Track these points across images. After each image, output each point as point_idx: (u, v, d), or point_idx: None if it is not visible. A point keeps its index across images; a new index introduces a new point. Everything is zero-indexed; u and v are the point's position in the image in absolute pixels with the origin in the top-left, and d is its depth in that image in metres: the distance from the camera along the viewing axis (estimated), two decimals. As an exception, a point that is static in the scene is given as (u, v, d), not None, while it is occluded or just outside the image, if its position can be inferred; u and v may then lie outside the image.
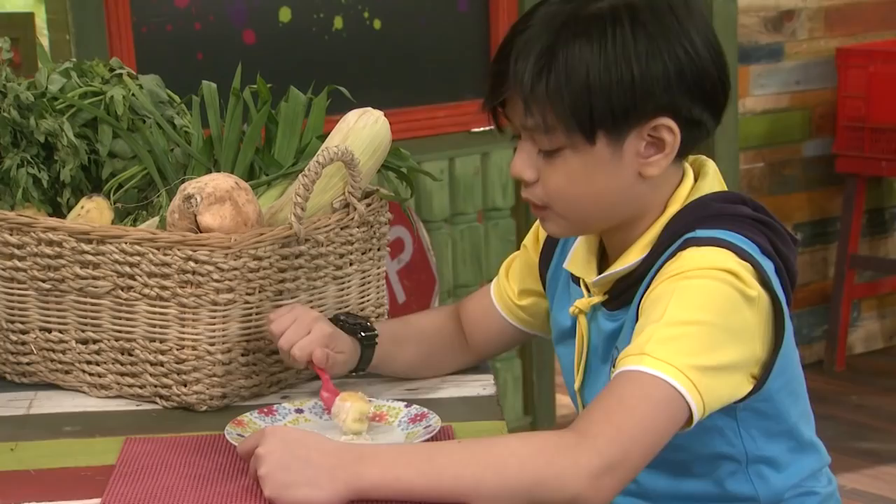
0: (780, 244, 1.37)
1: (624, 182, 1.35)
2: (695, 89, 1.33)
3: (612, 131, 1.32)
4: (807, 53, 3.95)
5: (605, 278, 1.40)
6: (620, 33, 1.30)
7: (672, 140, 1.34)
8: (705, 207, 1.36)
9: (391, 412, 1.47)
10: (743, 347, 1.30)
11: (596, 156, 1.33)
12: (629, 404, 1.24)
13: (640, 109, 1.32)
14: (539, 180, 1.36)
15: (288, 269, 1.56)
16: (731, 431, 1.37)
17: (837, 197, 4.05)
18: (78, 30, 2.84)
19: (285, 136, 1.68)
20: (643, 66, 1.30)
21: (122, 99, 1.70)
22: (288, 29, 3.07)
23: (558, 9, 1.33)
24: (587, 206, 1.37)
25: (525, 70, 1.32)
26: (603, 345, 1.42)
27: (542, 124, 1.33)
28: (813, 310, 4.08)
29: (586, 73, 1.30)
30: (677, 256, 1.32)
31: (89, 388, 1.60)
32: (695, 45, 1.33)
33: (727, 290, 1.29)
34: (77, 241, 1.55)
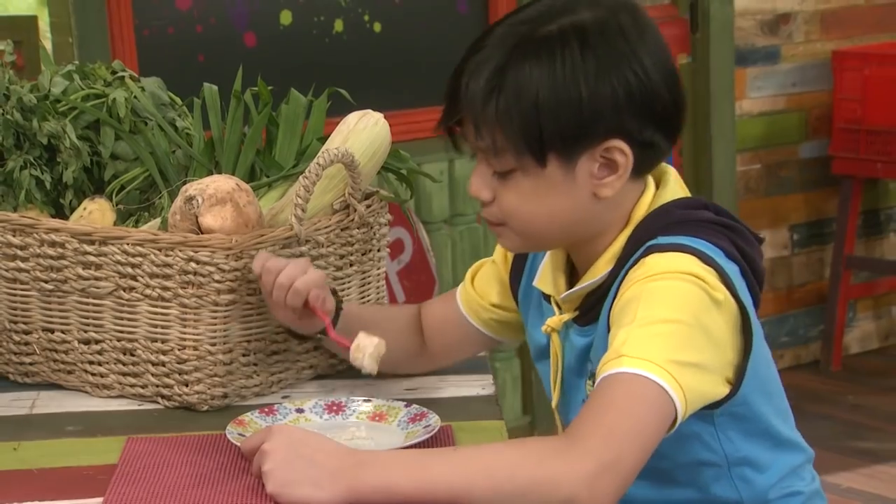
0: (744, 246, 1.36)
1: (578, 203, 1.34)
2: (645, 111, 1.32)
3: (563, 153, 1.31)
4: (803, 56, 3.95)
5: (574, 294, 1.40)
6: (570, 55, 1.30)
7: (624, 162, 1.33)
8: (667, 215, 1.36)
9: (391, 412, 1.47)
10: (716, 350, 1.29)
11: (548, 178, 1.32)
12: (617, 404, 1.23)
13: (590, 132, 1.31)
14: (495, 199, 1.36)
15: (289, 270, 1.55)
16: (710, 437, 1.36)
17: (833, 198, 4.05)
18: (80, 33, 2.84)
19: (286, 138, 1.68)
20: (592, 89, 1.30)
21: (124, 101, 1.70)
22: (289, 32, 3.07)
23: (511, 30, 1.32)
24: (542, 226, 1.36)
25: (476, 91, 1.31)
26: (577, 361, 1.41)
27: (492, 146, 1.33)
28: (809, 310, 4.08)
29: (535, 94, 1.29)
30: (640, 263, 1.31)
31: (91, 388, 1.60)
32: (645, 67, 1.32)
33: (696, 290, 1.28)
34: (79, 242, 1.55)
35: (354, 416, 1.48)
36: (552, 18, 1.32)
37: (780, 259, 4.04)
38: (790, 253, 4.06)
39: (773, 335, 4.03)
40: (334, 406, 1.49)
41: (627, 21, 1.32)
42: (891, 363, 4.11)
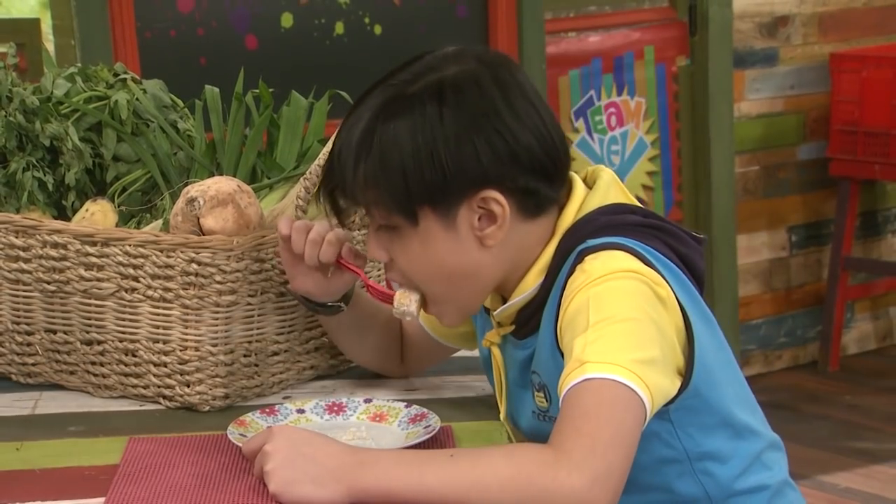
0: (678, 246, 1.35)
1: (469, 254, 1.33)
2: (511, 163, 1.31)
3: (436, 209, 1.31)
4: (801, 58, 3.95)
5: (507, 310, 1.39)
6: (429, 114, 1.29)
7: (502, 211, 1.31)
8: (592, 222, 1.35)
9: (391, 412, 1.47)
10: (666, 343, 1.28)
11: (427, 233, 1.32)
12: (592, 413, 1.21)
13: (457, 187, 1.30)
14: (392, 260, 1.36)
15: (289, 271, 1.55)
16: (668, 434, 1.35)
17: (831, 200, 4.05)
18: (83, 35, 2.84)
19: (287, 140, 1.68)
20: (450, 146, 1.29)
21: (126, 103, 1.70)
22: (289, 34, 3.07)
23: (382, 90, 1.32)
24: (443, 284, 1.35)
25: (346, 156, 1.32)
26: (519, 373, 1.41)
27: (366, 206, 1.34)
28: (807, 311, 4.08)
29: (399, 155, 1.29)
30: (578, 270, 1.30)
31: (94, 389, 1.60)
32: (507, 122, 1.30)
33: (640, 287, 1.28)
34: (81, 243, 1.55)
35: (355, 417, 1.47)
36: (419, 77, 1.32)
37: (778, 260, 4.04)
38: (788, 254, 4.06)
39: (771, 336, 4.03)
40: (335, 406, 1.49)
41: (488, 76, 1.31)
42: (888, 364, 4.11)
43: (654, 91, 3.77)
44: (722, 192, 3.83)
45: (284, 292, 1.56)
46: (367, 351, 1.59)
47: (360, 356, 1.61)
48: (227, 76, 1.79)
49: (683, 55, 3.79)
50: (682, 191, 3.85)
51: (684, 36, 3.78)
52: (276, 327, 1.57)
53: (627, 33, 3.71)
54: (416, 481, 1.22)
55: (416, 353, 1.61)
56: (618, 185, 1.39)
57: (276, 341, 1.58)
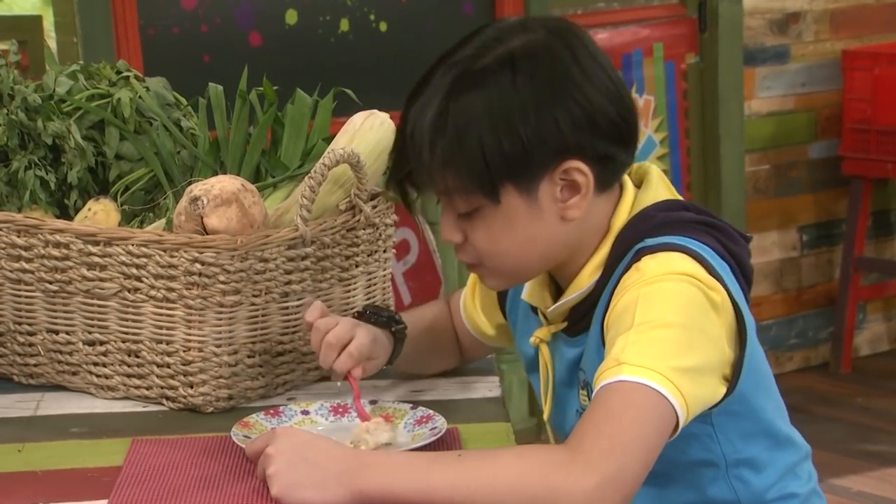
0: (730, 244, 1.36)
1: (548, 229, 1.33)
2: (590, 129, 1.31)
3: (519, 184, 1.31)
4: (812, 55, 3.95)
5: (561, 307, 1.39)
6: (504, 87, 1.29)
7: (585, 181, 1.32)
8: (650, 218, 1.35)
9: (397, 414, 1.47)
10: (714, 348, 1.29)
11: (510, 210, 1.32)
12: (617, 415, 1.22)
13: (539, 160, 1.30)
14: (467, 240, 1.36)
15: (294, 271, 1.56)
16: (708, 437, 1.36)
17: (843, 199, 4.04)
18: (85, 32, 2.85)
19: (291, 139, 1.68)
20: (530, 117, 1.28)
21: (128, 101, 1.70)
22: (294, 31, 3.07)
23: (447, 70, 1.31)
24: (517, 260, 1.35)
25: (420, 139, 1.31)
26: (567, 372, 1.41)
27: (445, 190, 1.32)
28: (819, 312, 4.08)
29: (477, 132, 1.29)
30: (634, 268, 1.31)
31: (96, 390, 1.60)
32: (581, 86, 1.30)
33: (692, 291, 1.28)
34: (84, 242, 1.55)
35: (359, 419, 1.47)
36: (485, 51, 1.31)
37: (790, 260, 4.04)
38: (799, 254, 4.06)
39: (782, 337, 4.02)
40: (340, 408, 1.49)
41: (558, 43, 1.31)
42: (901, 365, 4.11)
43: (663, 89, 3.76)
44: (732, 192, 3.83)
45: (289, 292, 1.56)
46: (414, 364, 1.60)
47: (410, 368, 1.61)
48: (231, 74, 1.79)
49: (693, 52, 3.79)
50: (692, 190, 3.84)
51: (694, 33, 3.78)
52: (280, 328, 1.57)
53: (636, 30, 3.71)
54: (422, 482, 1.22)
55: (467, 349, 1.63)
56: (665, 182, 1.40)
57: (280, 342, 1.58)
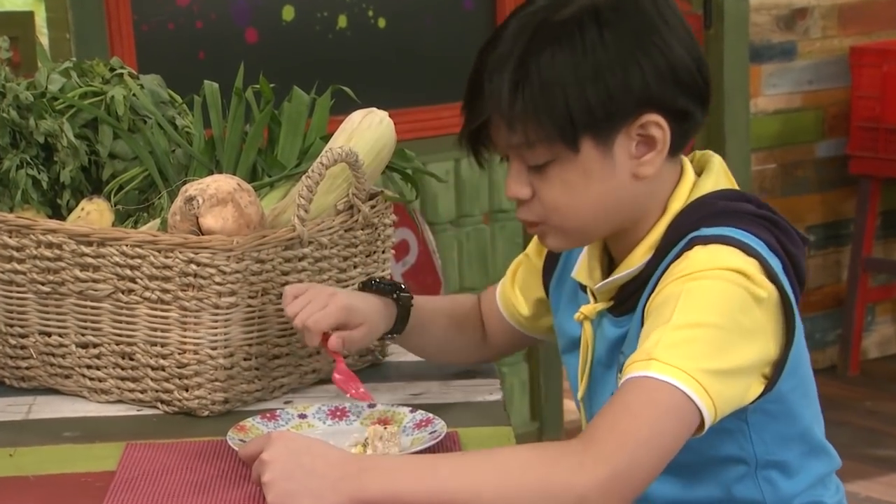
0: (787, 243, 1.37)
1: (620, 186, 1.35)
2: (672, 81, 1.33)
3: (597, 136, 1.32)
4: (820, 52, 3.95)
5: (610, 284, 1.40)
6: (589, 37, 1.31)
7: (662, 135, 1.34)
8: (709, 206, 1.36)
9: (396, 418, 1.47)
10: (754, 348, 1.30)
11: (585, 163, 1.33)
12: (635, 411, 1.24)
13: (621, 110, 1.32)
14: (534, 196, 1.36)
15: (291, 272, 1.56)
16: (742, 434, 1.37)
17: (851, 198, 4.05)
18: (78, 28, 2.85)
19: (288, 137, 1.68)
20: (615, 66, 1.31)
21: (122, 99, 1.70)
22: (291, 28, 3.08)
23: (527, 20, 1.33)
24: (585, 216, 1.36)
25: (500, 87, 1.32)
26: (608, 352, 1.42)
27: (524, 140, 1.33)
28: (826, 314, 4.08)
29: (561, 81, 1.30)
30: (684, 256, 1.32)
31: (89, 393, 1.60)
32: (665, 38, 1.33)
33: (736, 290, 1.29)
34: (77, 243, 1.55)
35: (358, 422, 1.48)
36: (566, 3, 1.33)
37: (797, 261, 4.04)
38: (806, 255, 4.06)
39: (789, 339, 4.02)
40: (338, 411, 1.49)
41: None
42: (910, 368, 4.11)
43: (667, 86, 3.76)
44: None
45: (286, 294, 1.56)
46: (431, 347, 1.62)
47: (424, 351, 1.63)
48: (227, 71, 1.80)
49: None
50: (697, 189, 3.84)
51: (699, 29, 3.78)
52: (277, 330, 1.57)
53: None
54: (427, 477, 1.22)
55: (494, 337, 1.63)
56: (726, 172, 1.42)
57: (277, 344, 1.58)
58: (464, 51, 3.39)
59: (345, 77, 1.99)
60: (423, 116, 3.19)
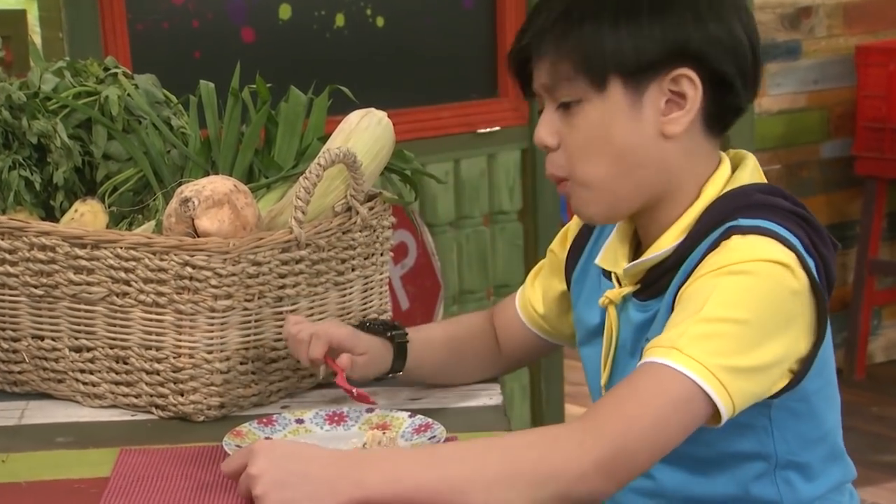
0: (819, 244, 1.37)
1: (645, 140, 1.36)
2: (716, 41, 1.34)
3: (627, 80, 1.34)
4: (825, 51, 3.95)
5: (638, 266, 1.40)
6: None
7: (694, 93, 1.35)
8: (746, 196, 1.37)
9: (395, 422, 1.47)
10: (784, 341, 1.30)
11: (613, 105, 1.34)
12: (643, 397, 1.24)
13: (654, 57, 1.33)
14: (561, 145, 1.38)
15: (288, 275, 1.56)
16: (764, 430, 1.37)
17: (857, 200, 4.05)
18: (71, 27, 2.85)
19: (285, 138, 1.68)
20: (658, 9, 1.33)
21: (117, 99, 1.70)
22: (288, 26, 3.08)
23: None
24: (609, 168, 1.36)
25: (545, 22, 1.36)
26: (632, 337, 1.42)
27: (557, 75, 1.35)
28: (832, 317, 4.03)
29: (597, 18, 1.33)
30: (722, 246, 1.32)
31: (83, 398, 1.60)
32: (724, 10, 1.35)
33: (771, 284, 1.29)
34: (70, 245, 1.55)
35: (356, 427, 1.48)
36: None
37: (801, 263, 4.04)
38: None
39: (794, 343, 4.02)
40: (336, 416, 1.50)
41: None
42: (917, 373, 4.11)
43: (670, 86, 3.77)
44: (742, 192, 3.83)
45: (282, 297, 1.56)
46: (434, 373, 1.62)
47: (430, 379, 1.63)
48: (223, 70, 1.80)
49: (701, 48, 3.79)
50: (700, 191, 3.85)
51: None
52: (274, 333, 1.58)
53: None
54: (428, 461, 1.22)
55: (512, 346, 1.63)
56: (760, 171, 1.43)
57: (274, 348, 1.58)
58: (463, 50, 3.40)
59: (343, 77, 1.99)
60: (422, 117, 3.19)
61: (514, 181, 3.31)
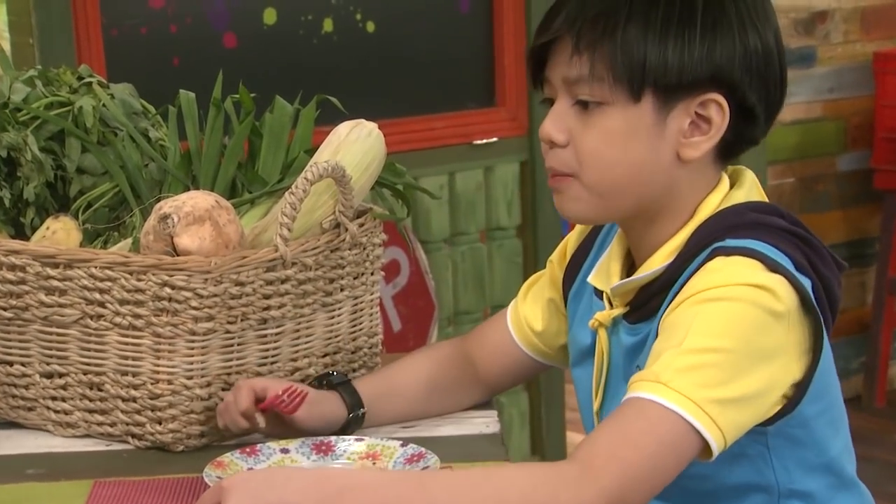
0: (818, 263, 1.38)
1: (660, 159, 1.37)
2: (755, 72, 1.37)
3: (660, 95, 1.35)
4: (841, 58, 3.97)
5: (626, 285, 1.42)
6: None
7: (719, 122, 1.37)
8: (738, 215, 1.39)
9: (385, 452, 1.47)
10: (772, 368, 1.31)
11: (639, 117, 1.36)
12: (637, 440, 1.26)
13: (692, 77, 1.35)
14: (570, 143, 1.39)
15: (273, 296, 1.57)
16: (762, 460, 1.38)
17: (876, 215, 4.06)
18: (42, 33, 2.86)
19: (270, 150, 1.69)
20: (708, 29, 1.35)
21: (91, 110, 1.71)
22: (273, 32, 3.09)
23: None
24: (615, 179, 1.38)
25: (586, 10, 1.36)
26: (624, 361, 1.43)
27: (588, 72, 1.36)
28: (850, 340, 4.09)
29: (649, 23, 1.34)
30: (703, 269, 1.34)
31: (54, 427, 1.60)
32: (765, 31, 1.38)
33: (753, 311, 1.30)
34: (42, 265, 1.56)
35: (345, 457, 1.48)
36: None
37: (817, 283, 4.04)
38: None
39: (810, 367, 4.03)
40: (323, 445, 1.50)
41: None
42: (941, 398, 4.11)
43: (677, 94, 3.78)
44: (754, 207, 3.84)
45: (267, 319, 1.57)
46: (400, 419, 1.61)
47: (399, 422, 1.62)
48: (204, 79, 1.80)
49: (710, 55, 3.80)
50: (710, 205, 3.85)
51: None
52: (257, 357, 1.58)
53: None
54: (417, 497, 1.21)
55: (499, 370, 1.62)
56: (759, 188, 1.45)
57: (258, 373, 1.58)
58: (459, 57, 3.41)
59: (331, 85, 2.00)
60: (415, 127, 3.20)
61: (513, 195, 3.31)
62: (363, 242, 1.66)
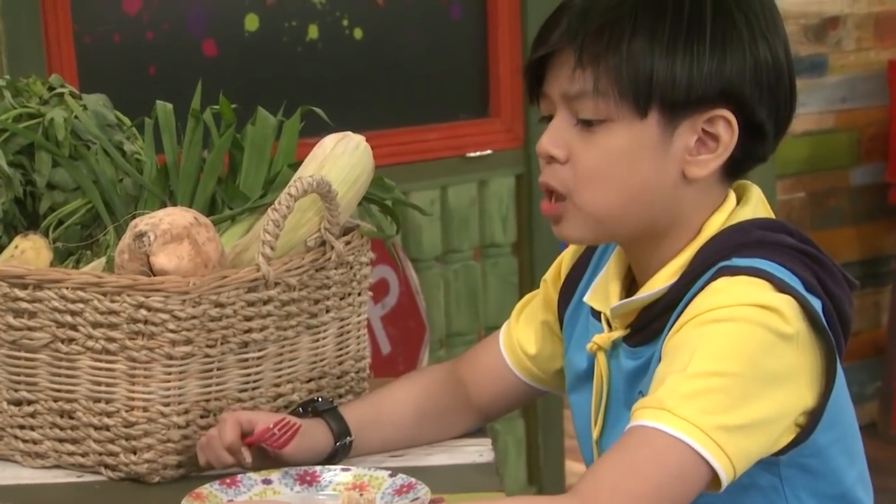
0: (829, 283, 1.39)
1: (665, 178, 1.38)
2: (765, 86, 1.38)
3: (664, 112, 1.35)
4: (854, 66, 3.98)
5: (627, 306, 1.42)
6: (697, 9, 1.36)
7: (727, 139, 1.37)
8: (744, 234, 1.39)
9: (373, 482, 1.47)
10: (782, 394, 1.32)
11: (644, 134, 1.36)
12: (643, 471, 1.26)
13: (700, 93, 1.35)
14: (569, 161, 1.39)
15: (255, 318, 1.57)
16: (774, 491, 1.38)
17: (891, 232, 4.07)
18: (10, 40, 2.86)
19: (252, 164, 1.69)
20: (718, 43, 1.35)
21: (62, 122, 1.71)
22: (255, 39, 3.09)
23: None
24: (615, 200, 1.38)
25: (588, 23, 1.36)
26: (625, 387, 1.43)
27: (592, 87, 1.36)
28: (864, 363, 4.09)
29: (655, 36, 1.35)
30: (708, 289, 1.34)
31: (23, 457, 1.60)
32: (775, 44, 1.38)
33: (760, 332, 1.31)
34: (10, 286, 1.56)
35: (331, 488, 1.48)
36: None
37: (830, 303, 4.05)
38: (846, 298, 4.07)
39: (822, 392, 4.03)
40: (307, 476, 1.50)
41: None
42: (960, 425, 4.11)
43: (681, 105, 3.79)
44: (762, 223, 3.85)
45: (248, 342, 1.57)
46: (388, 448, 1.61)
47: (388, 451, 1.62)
48: (182, 89, 1.80)
49: (716, 63, 3.81)
50: (716, 221, 3.86)
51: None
52: (238, 383, 1.58)
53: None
54: None
55: (491, 395, 1.62)
56: (765, 204, 1.45)
57: (238, 399, 1.58)
58: (450, 66, 3.41)
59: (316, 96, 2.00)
60: (405, 139, 3.20)
61: (508, 210, 3.32)
62: (350, 261, 1.66)
